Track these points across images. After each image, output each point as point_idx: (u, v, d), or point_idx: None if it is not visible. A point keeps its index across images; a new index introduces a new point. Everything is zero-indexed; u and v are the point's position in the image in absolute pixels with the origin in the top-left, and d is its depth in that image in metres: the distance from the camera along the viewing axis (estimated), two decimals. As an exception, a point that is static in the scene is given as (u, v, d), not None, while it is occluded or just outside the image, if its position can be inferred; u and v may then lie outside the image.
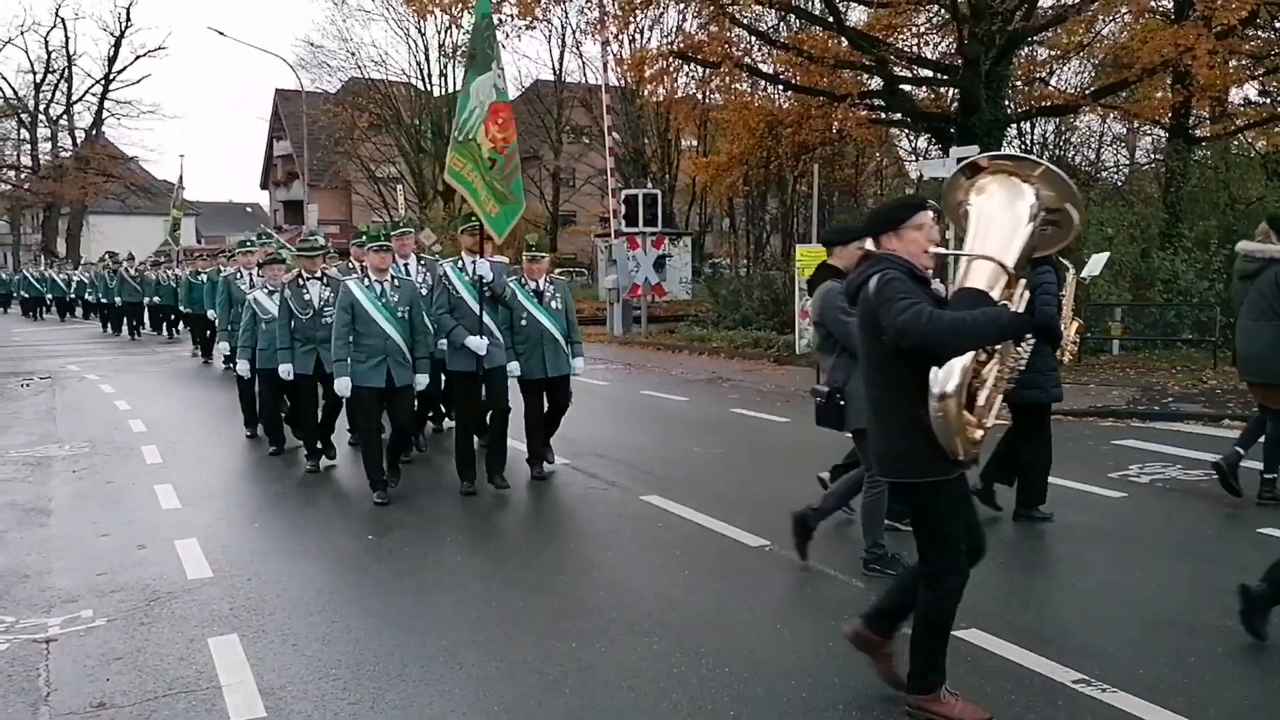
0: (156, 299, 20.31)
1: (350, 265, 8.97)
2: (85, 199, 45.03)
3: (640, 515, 6.29)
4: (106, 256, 24.92)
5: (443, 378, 7.88)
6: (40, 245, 46.24)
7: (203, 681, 3.92)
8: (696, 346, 17.05)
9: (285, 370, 7.68)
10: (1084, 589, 4.81)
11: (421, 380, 6.81)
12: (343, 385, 6.56)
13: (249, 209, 57.55)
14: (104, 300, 22.97)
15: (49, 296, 30.76)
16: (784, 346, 15.39)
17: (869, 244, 3.65)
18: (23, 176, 46.93)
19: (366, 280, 6.65)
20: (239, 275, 9.92)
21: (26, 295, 31.83)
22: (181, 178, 27.48)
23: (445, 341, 6.90)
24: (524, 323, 7.00)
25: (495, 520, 6.48)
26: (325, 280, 7.70)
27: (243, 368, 8.63)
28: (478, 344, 6.65)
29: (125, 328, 22.19)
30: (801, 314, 14.67)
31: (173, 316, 20.61)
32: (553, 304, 7.09)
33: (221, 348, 8.99)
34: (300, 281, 7.66)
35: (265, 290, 8.36)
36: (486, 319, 6.77)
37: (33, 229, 50.86)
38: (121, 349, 19.49)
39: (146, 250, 30.63)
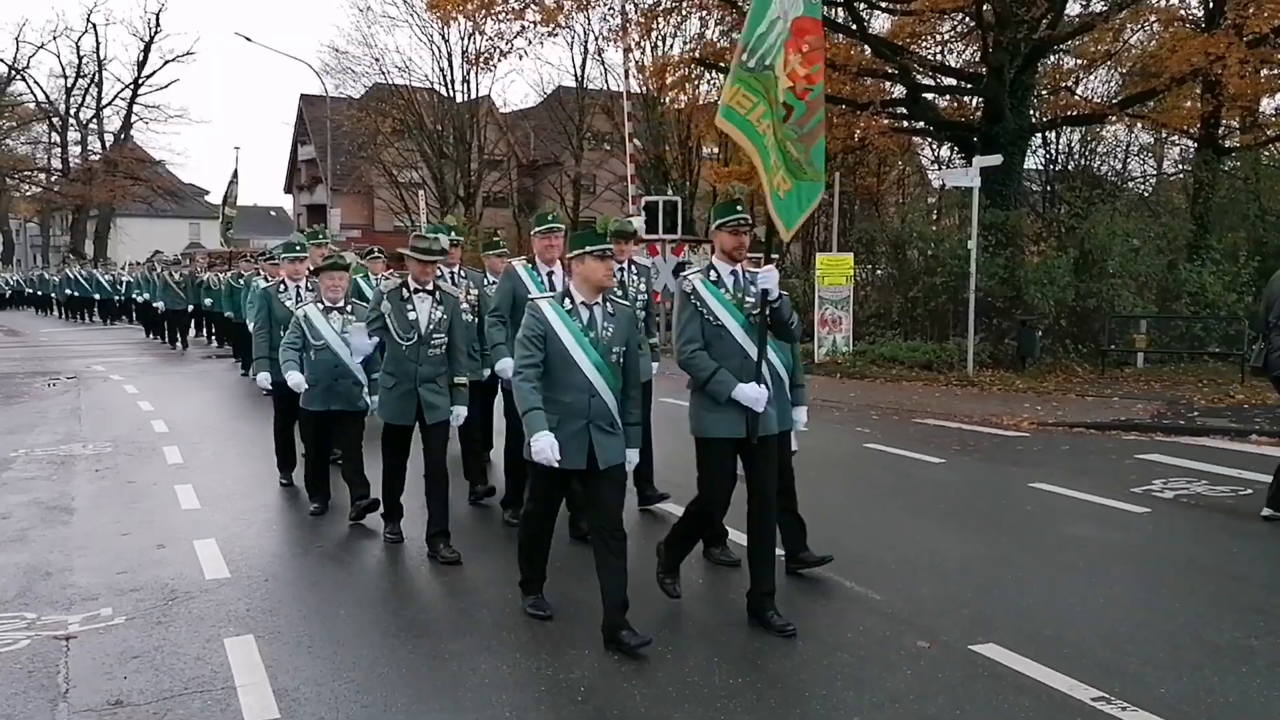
0: (208, 302, 17.75)
1: (388, 274, 7.94)
2: (113, 202, 45.63)
3: (656, 521, 6.26)
4: (152, 257, 24.14)
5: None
6: (69, 247, 46.87)
7: (218, 681, 3.94)
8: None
9: (370, 404, 6.16)
10: (1105, 605, 4.74)
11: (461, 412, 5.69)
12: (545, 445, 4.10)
13: (273, 213, 58.05)
14: (152, 303, 20.74)
15: (95, 297, 28.43)
16: (803, 355, 15.31)
17: None
18: (53, 179, 47.66)
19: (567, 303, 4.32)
20: (282, 288, 7.45)
21: (76, 295, 29.46)
22: (236, 173, 26.45)
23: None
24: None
25: (512, 527, 6.48)
26: (439, 294, 5.59)
27: (294, 381, 6.36)
28: (751, 395, 4.32)
29: (166, 336, 20.10)
30: (820, 323, 14.60)
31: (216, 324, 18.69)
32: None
33: (262, 380, 7.10)
34: (405, 294, 5.51)
35: (320, 306, 6.40)
36: (772, 357, 4.56)
37: (61, 231, 51.59)
38: (145, 350, 19.67)
39: (171, 253, 30.87)
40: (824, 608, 4.79)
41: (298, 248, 7.84)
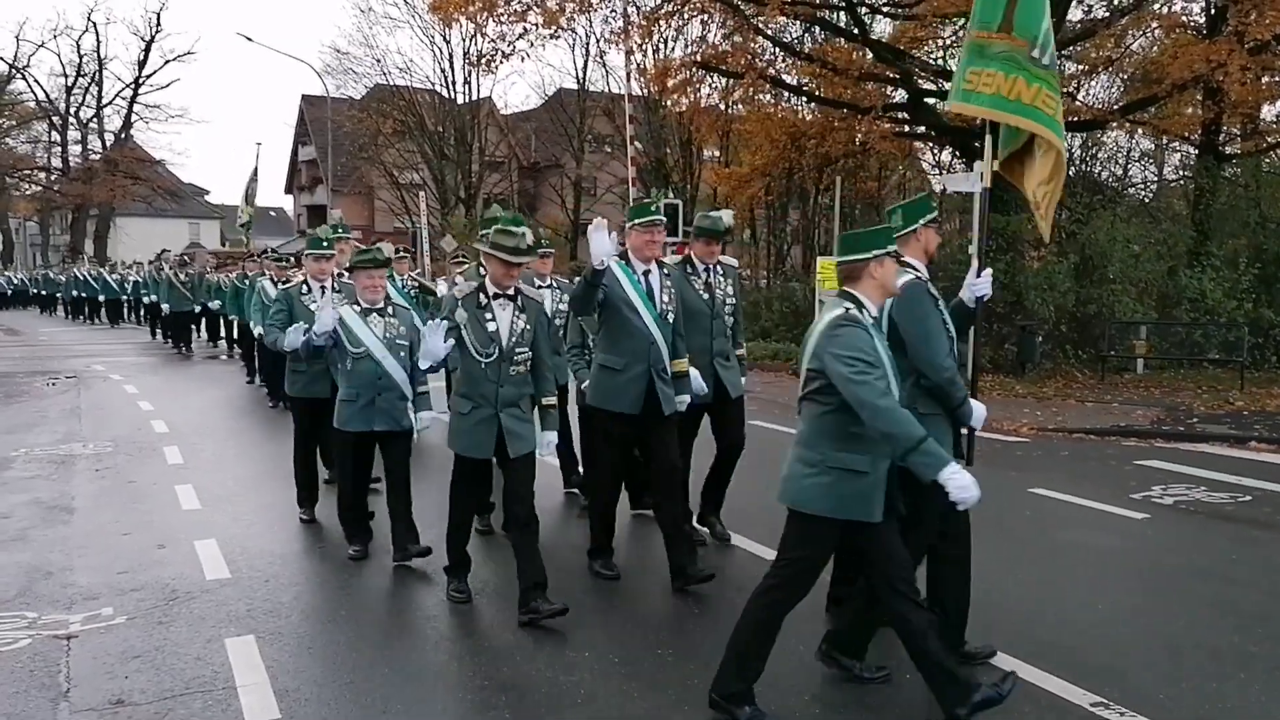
0: (215, 304, 16.52)
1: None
2: (113, 201, 45.65)
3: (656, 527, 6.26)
4: (159, 256, 22.63)
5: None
6: (69, 246, 46.87)
7: (219, 682, 3.95)
8: (716, 357, 16.97)
9: (417, 422, 5.43)
10: (1104, 610, 4.75)
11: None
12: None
13: (273, 213, 58.05)
14: (156, 301, 19.87)
15: (101, 298, 27.48)
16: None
17: None
18: (53, 179, 47.66)
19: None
20: (305, 290, 6.52)
21: (85, 296, 28.37)
22: (256, 170, 24.78)
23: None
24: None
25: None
26: (520, 300, 4.70)
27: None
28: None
29: (171, 339, 19.07)
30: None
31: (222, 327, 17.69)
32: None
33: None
34: (483, 300, 4.63)
35: (356, 308, 5.46)
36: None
37: (61, 230, 51.58)
38: (145, 350, 19.67)
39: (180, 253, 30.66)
40: (821, 613, 4.80)
41: (324, 244, 6.69)
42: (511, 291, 4.64)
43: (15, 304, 37.07)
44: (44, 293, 34.93)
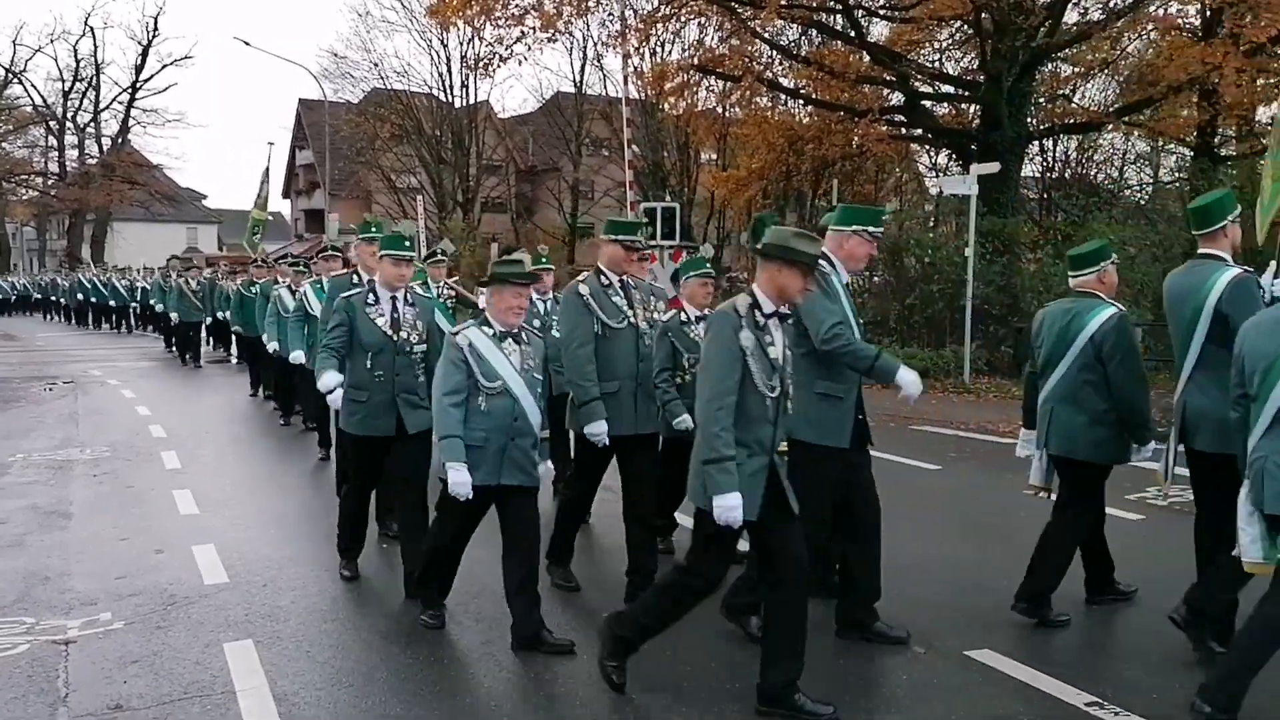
0: (223, 315, 15.45)
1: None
2: (110, 206, 45.63)
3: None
4: (168, 262, 21.74)
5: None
6: (65, 251, 46.83)
7: (217, 686, 3.96)
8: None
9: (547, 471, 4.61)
10: (1099, 611, 4.77)
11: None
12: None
13: (270, 217, 57.97)
14: (166, 309, 18.33)
15: (111, 304, 26.37)
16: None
17: None
18: (50, 183, 47.66)
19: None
20: (371, 300, 5.11)
21: (94, 301, 27.30)
22: (268, 171, 23.43)
23: None
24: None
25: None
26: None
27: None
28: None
29: (178, 350, 17.92)
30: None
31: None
32: None
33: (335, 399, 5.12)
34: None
35: (490, 332, 4.29)
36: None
37: (58, 235, 51.57)
38: (143, 355, 19.65)
39: (168, 257, 30.48)
40: (819, 614, 4.81)
41: (406, 244, 5.23)
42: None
43: (18, 309, 36.75)
44: (49, 298, 33.99)
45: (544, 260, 7.19)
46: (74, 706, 3.81)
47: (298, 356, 8.14)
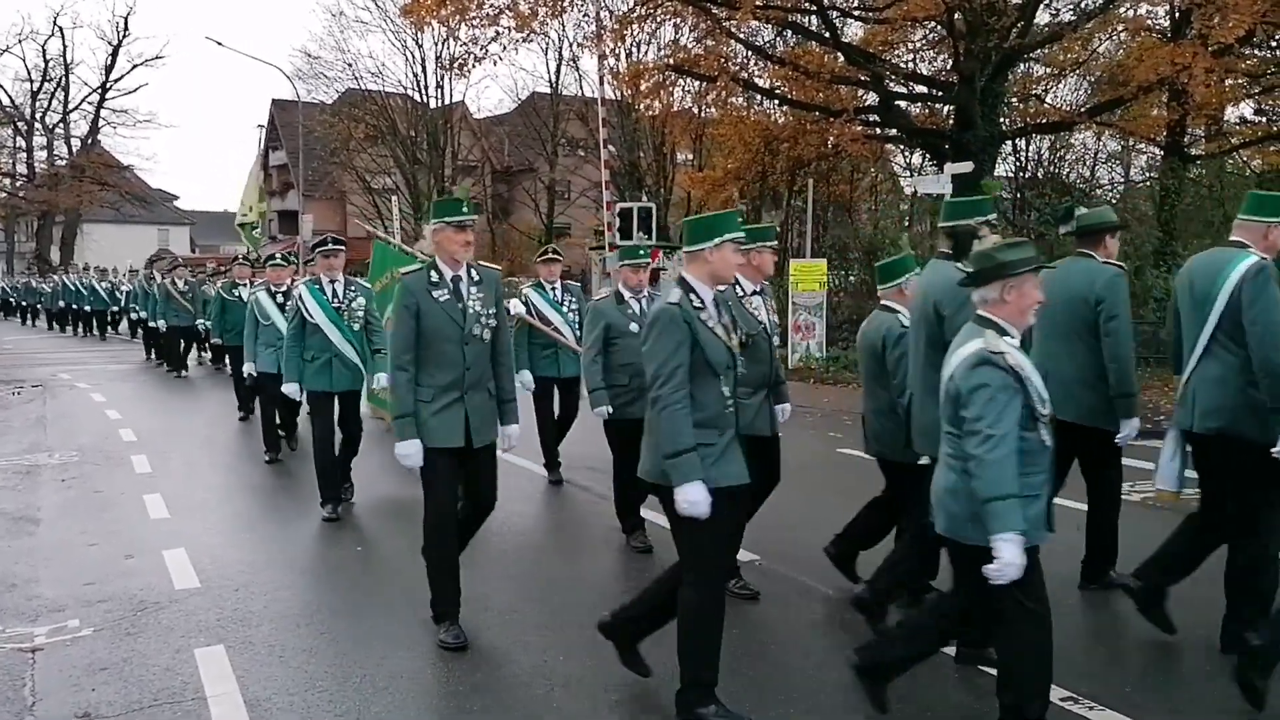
0: (202, 322, 14.51)
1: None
2: (80, 207, 45.00)
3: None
4: (152, 264, 20.43)
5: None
6: (34, 254, 46.14)
7: (188, 692, 3.90)
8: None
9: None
10: (1073, 606, 4.80)
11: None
12: None
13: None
14: (146, 318, 17.39)
15: (90, 308, 25.13)
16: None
17: None
18: (18, 185, 46.91)
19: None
20: (432, 279, 4.43)
21: (74, 306, 25.89)
22: (265, 162, 22.93)
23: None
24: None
25: (485, 533, 6.44)
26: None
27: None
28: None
29: (168, 359, 16.40)
30: (794, 329, 14.68)
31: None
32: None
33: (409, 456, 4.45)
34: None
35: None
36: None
37: (26, 237, 50.80)
38: (113, 358, 19.39)
39: (139, 259, 30.01)
40: (798, 613, 4.82)
41: (464, 208, 4.46)
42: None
43: None
44: (24, 303, 32.32)
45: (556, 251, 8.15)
46: (41, 715, 3.74)
47: (292, 390, 6.80)
